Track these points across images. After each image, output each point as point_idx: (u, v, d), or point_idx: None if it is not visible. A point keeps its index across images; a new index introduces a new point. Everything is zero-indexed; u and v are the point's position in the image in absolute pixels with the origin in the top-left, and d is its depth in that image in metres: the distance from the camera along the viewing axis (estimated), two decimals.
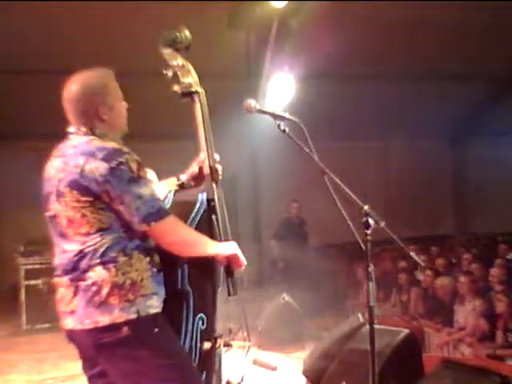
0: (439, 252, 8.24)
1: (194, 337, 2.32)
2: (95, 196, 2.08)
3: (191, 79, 2.56)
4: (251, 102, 2.39)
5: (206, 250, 2.27)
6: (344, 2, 6.52)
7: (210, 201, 2.44)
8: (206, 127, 2.55)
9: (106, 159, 2.07)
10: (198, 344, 2.34)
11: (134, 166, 2.09)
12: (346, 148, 10.36)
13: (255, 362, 5.25)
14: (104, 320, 2.05)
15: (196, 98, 2.56)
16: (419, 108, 9.72)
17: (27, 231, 7.28)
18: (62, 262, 2.16)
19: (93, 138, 2.18)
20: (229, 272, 2.38)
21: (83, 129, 2.21)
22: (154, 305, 2.14)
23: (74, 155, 2.13)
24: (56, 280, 2.19)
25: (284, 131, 2.36)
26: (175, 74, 2.54)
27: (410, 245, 7.93)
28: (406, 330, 3.88)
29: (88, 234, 2.10)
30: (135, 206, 2.07)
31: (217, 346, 2.41)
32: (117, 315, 2.06)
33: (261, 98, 7.34)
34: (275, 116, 2.39)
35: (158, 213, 2.11)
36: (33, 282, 7.23)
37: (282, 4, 6.07)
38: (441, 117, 10.40)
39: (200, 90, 2.58)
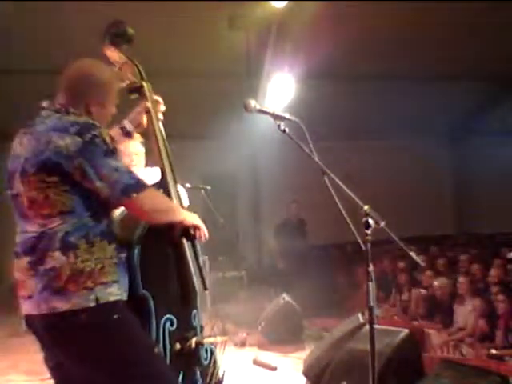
0: (439, 252, 8.24)
1: (162, 339, 2.25)
2: (63, 175, 2.03)
3: (135, 74, 2.56)
4: (251, 102, 2.38)
5: (179, 216, 2.28)
6: (344, 2, 6.52)
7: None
8: (157, 120, 2.53)
9: (79, 133, 2.02)
10: (168, 346, 2.27)
11: (107, 139, 2.07)
12: (346, 148, 10.37)
13: (255, 362, 5.26)
14: (61, 306, 2.00)
15: (143, 92, 2.54)
16: (419, 108, 9.73)
17: None
18: (22, 242, 2.11)
19: (64, 114, 2.14)
20: (188, 238, 2.36)
21: (58, 105, 2.17)
22: (115, 292, 2.09)
23: (46, 131, 2.07)
24: (15, 261, 2.14)
25: (284, 131, 2.36)
26: (119, 71, 2.54)
27: (410, 245, 7.93)
28: (406, 330, 3.89)
29: (49, 215, 2.05)
30: (113, 179, 2.04)
31: (188, 345, 2.35)
32: (74, 302, 2.00)
33: (261, 98, 7.34)
34: (275, 116, 2.39)
35: (137, 184, 2.09)
36: None
37: (282, 4, 6.07)
38: (441, 117, 10.41)
39: (145, 83, 2.55)
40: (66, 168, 2.02)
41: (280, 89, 7.25)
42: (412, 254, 2.30)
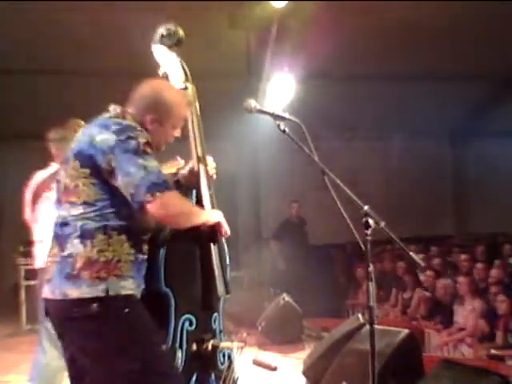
0: (439, 252, 8.24)
1: (179, 338, 2.26)
2: (94, 168, 2.11)
3: (181, 75, 2.58)
4: (251, 102, 2.38)
5: (200, 218, 2.31)
6: (344, 2, 6.52)
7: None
8: (196, 122, 2.56)
9: (116, 132, 2.12)
10: (185, 345, 2.27)
11: (142, 141, 2.12)
12: (346, 148, 10.37)
13: (255, 362, 5.25)
14: (72, 293, 2.06)
15: (187, 94, 2.56)
16: (419, 108, 9.71)
17: (27, 231, 7.28)
18: (54, 229, 2.21)
19: (116, 117, 2.23)
20: (213, 240, 2.40)
21: (118, 110, 2.28)
22: (128, 287, 2.12)
23: (91, 126, 2.22)
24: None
25: (284, 131, 2.36)
26: (166, 71, 2.58)
27: (410, 245, 7.94)
28: (406, 330, 3.88)
29: (74, 203, 2.13)
30: (140, 176, 2.06)
31: (204, 347, 2.35)
32: (84, 290, 2.05)
33: (261, 98, 7.34)
34: (275, 116, 2.39)
35: (163, 184, 2.10)
36: (33, 282, 7.18)
37: (282, 4, 6.07)
38: (441, 117, 10.39)
39: (190, 85, 2.58)
40: (97, 161, 2.11)
41: (280, 89, 7.25)
42: (412, 253, 2.30)
